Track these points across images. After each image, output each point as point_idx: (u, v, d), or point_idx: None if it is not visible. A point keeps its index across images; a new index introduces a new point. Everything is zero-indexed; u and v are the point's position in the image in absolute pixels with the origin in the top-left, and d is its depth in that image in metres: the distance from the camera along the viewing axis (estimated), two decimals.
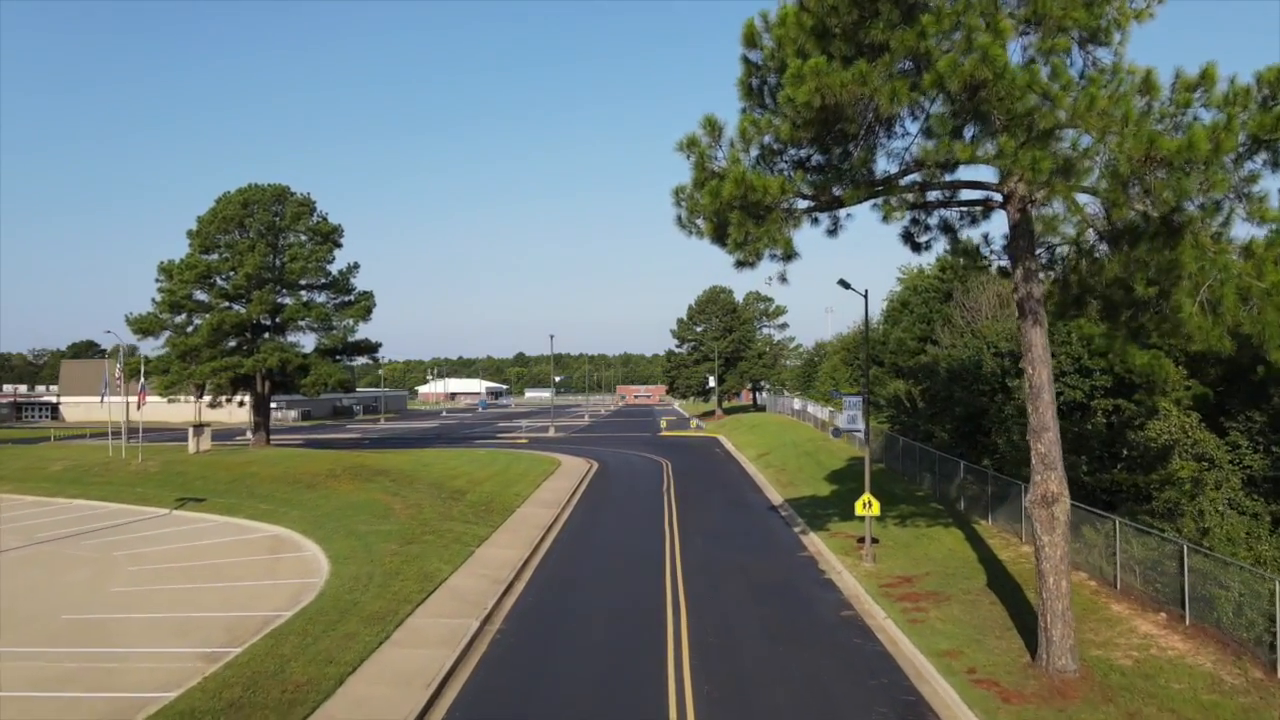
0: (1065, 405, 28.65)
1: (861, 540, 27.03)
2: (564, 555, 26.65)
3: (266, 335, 52.23)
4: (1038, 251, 16.66)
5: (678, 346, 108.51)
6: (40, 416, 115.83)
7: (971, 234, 17.91)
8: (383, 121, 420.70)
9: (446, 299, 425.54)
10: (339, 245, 54.12)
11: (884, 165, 16.24)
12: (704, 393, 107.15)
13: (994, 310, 41.16)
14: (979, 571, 22.44)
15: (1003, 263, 18.09)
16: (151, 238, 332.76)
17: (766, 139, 16.04)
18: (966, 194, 17.02)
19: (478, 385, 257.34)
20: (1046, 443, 15.44)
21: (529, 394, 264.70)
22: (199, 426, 43.41)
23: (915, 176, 15.91)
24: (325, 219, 53.51)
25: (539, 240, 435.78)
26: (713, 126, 15.21)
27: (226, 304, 51.18)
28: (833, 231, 17.03)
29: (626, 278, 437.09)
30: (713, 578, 23.35)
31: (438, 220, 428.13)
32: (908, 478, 36.36)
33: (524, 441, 70.10)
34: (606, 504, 36.50)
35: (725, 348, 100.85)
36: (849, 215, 16.86)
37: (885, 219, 15.77)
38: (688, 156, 15.48)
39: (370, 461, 39.55)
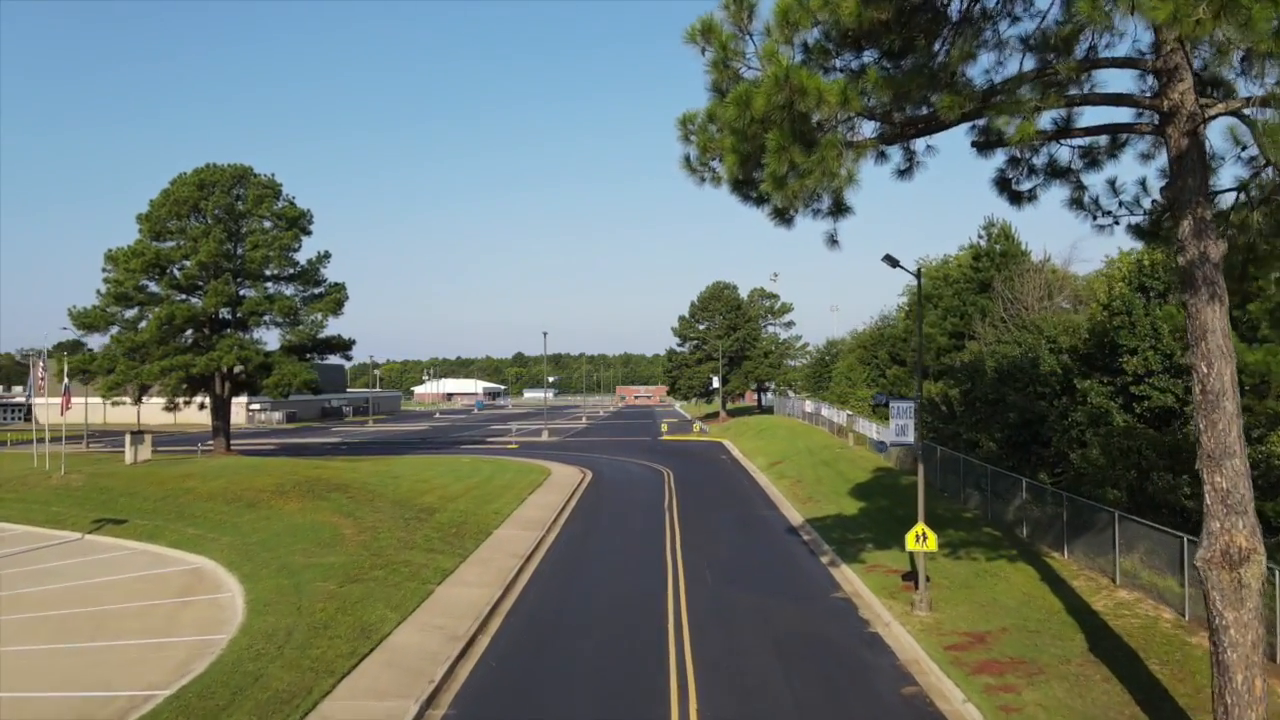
0: (1151, 412, 23.76)
1: (908, 577, 22.13)
2: (543, 595, 21.71)
3: (228, 331, 47.31)
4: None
5: (679, 345, 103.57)
6: (13, 418, 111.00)
7: (1092, 179, 12.94)
8: (379, 117, 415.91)
9: (445, 298, 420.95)
10: (307, 232, 49.20)
11: (983, 75, 11.34)
12: (707, 394, 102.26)
13: (1040, 301, 36.24)
14: (1072, 628, 17.47)
15: (1135, 219, 13.13)
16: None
17: (814, 34, 11.12)
18: (1093, 117, 12.07)
19: (475, 386, 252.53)
20: (1231, 474, 10.48)
21: (527, 394, 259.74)
22: (137, 433, 38.44)
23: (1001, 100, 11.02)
24: (292, 203, 48.58)
25: (538, 239, 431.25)
26: (740, 3, 10.25)
27: (182, 296, 46.30)
28: (905, 171, 12.14)
29: (627, 277, 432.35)
30: (728, 630, 18.44)
31: (436, 219, 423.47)
32: (949, 494, 31.41)
33: (513, 447, 65.16)
34: (599, 524, 31.57)
35: (729, 346, 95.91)
36: (929, 148, 11.95)
37: (986, 148, 10.83)
38: (702, 50, 10.58)
39: (329, 474, 34.64)
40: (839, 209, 12.47)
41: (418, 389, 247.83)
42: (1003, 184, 12.98)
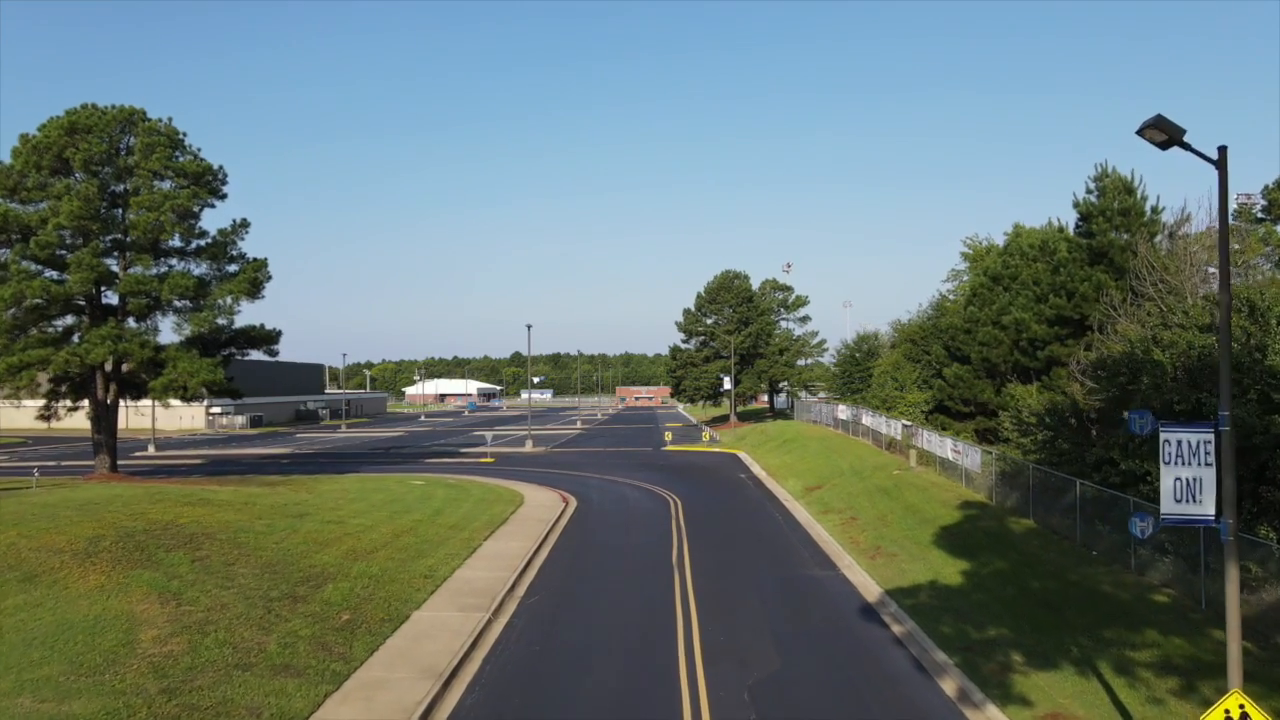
0: None
1: None
2: None
3: (118, 317, 36.99)
4: None
5: (685, 342, 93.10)
6: None
7: None
8: (376, 118, 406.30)
9: (442, 298, 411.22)
10: (219, 195, 38.86)
11: None
12: (715, 395, 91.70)
13: (1202, 270, 25.82)
14: None
15: None
16: None
17: None
18: None
19: (469, 386, 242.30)
20: None
21: (524, 395, 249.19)
22: None
23: None
24: (196, 156, 38.21)
25: (538, 237, 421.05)
26: None
27: (52, 273, 35.97)
28: None
29: (628, 276, 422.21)
30: None
31: (434, 218, 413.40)
32: (1101, 555, 20.94)
33: (488, 460, 54.72)
34: (576, 597, 21.20)
35: (741, 343, 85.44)
36: None
37: None
38: None
39: (191, 517, 24.27)
40: None
41: (409, 390, 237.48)
42: None
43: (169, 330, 38.54)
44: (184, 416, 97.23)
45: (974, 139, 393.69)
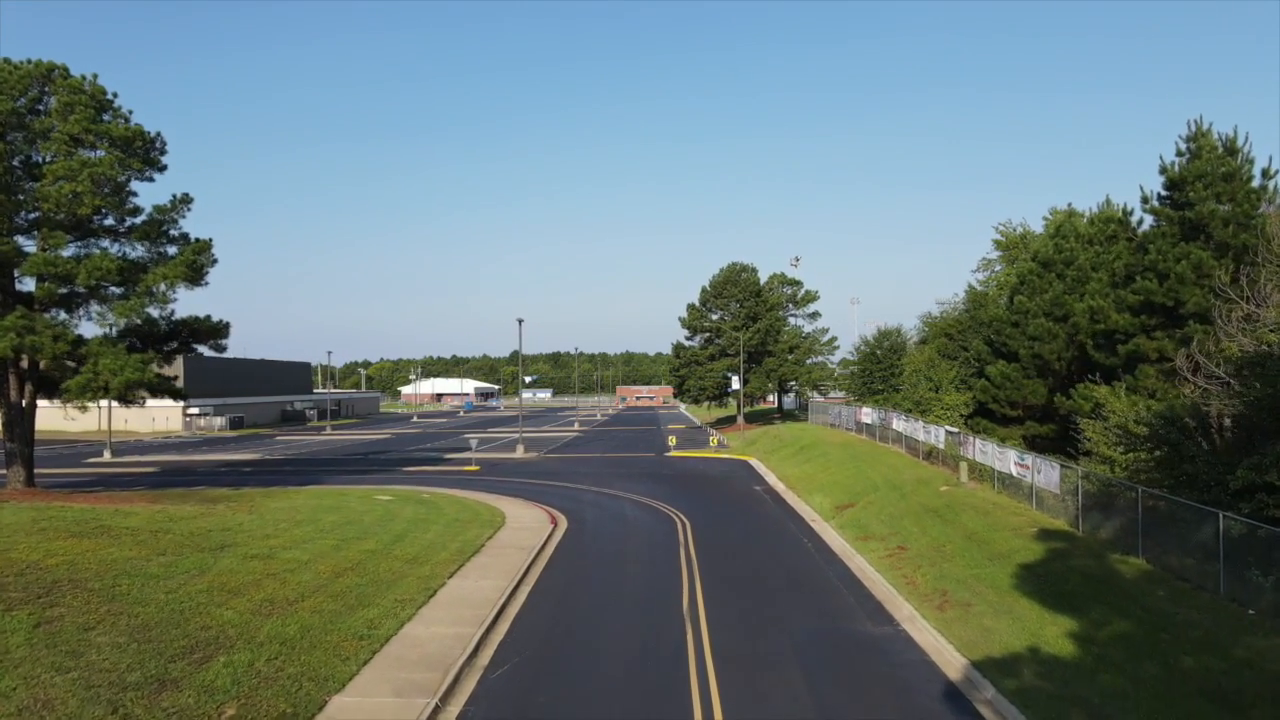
0: None
1: None
2: None
3: (33, 306, 31.75)
4: None
5: (689, 339, 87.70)
6: None
7: None
8: (376, 118, 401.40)
9: (442, 297, 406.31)
10: (156, 166, 33.59)
11: None
12: (721, 395, 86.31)
13: None
14: None
15: None
16: None
17: None
18: None
19: (467, 386, 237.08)
20: None
21: (523, 394, 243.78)
22: None
23: None
24: (128, 119, 32.94)
25: (537, 235, 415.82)
26: None
27: None
28: None
29: (629, 275, 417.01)
30: None
31: (434, 217, 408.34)
32: (1251, 610, 15.61)
33: (473, 469, 49.39)
34: (557, 669, 15.90)
35: (750, 340, 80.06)
36: None
37: None
38: None
39: (65, 556, 18.99)
40: None
41: (404, 389, 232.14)
42: None
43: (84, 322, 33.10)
44: (158, 418, 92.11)
45: (976, 138, 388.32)
